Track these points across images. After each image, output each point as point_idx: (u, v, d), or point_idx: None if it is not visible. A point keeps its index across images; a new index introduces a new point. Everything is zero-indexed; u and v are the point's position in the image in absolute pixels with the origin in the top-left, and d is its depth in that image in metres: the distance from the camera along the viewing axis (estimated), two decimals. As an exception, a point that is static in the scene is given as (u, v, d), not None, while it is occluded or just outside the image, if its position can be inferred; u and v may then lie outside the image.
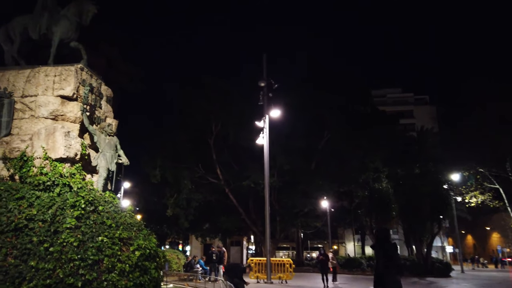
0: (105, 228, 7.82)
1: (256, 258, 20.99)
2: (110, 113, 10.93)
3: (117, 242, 7.67)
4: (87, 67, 10.14)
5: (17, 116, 9.13)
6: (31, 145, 8.66)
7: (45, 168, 8.52)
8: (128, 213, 9.01)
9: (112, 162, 9.55)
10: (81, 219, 7.82)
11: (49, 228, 7.56)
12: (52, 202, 7.91)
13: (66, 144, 8.61)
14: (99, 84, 10.55)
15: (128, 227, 8.37)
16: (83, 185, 8.49)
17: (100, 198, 8.46)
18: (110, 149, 9.59)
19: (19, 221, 7.55)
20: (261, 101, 20.59)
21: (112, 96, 11.19)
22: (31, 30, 10.28)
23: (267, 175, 19.91)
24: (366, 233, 41.98)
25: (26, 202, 7.85)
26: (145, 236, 8.49)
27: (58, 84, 9.21)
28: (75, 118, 9.35)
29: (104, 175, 9.31)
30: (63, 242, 7.38)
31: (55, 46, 10.12)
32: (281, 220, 27.19)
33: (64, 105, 9.19)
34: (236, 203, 26.45)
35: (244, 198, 26.84)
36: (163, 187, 27.38)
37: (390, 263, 6.15)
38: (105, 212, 8.18)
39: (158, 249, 8.90)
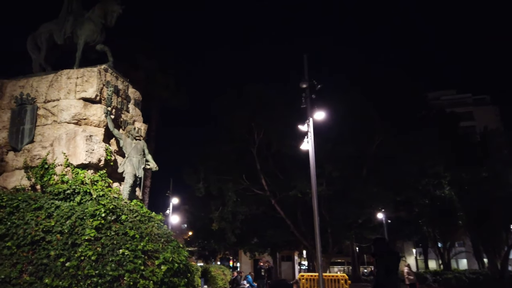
0: (127, 240, 6.91)
1: (307, 274, 19.40)
2: (139, 117, 10.23)
3: (140, 255, 6.71)
4: (112, 69, 9.54)
5: (40, 123, 8.64)
6: (52, 151, 8.06)
7: (66, 176, 7.85)
8: (156, 222, 8.08)
9: (139, 167, 8.74)
10: (101, 229, 6.98)
11: (67, 241, 6.79)
12: (71, 212, 7.17)
13: (88, 149, 7.91)
14: (126, 87, 9.91)
15: (154, 239, 7.41)
16: (105, 193, 7.69)
17: (124, 207, 7.60)
18: (137, 153, 8.79)
19: (36, 234, 6.86)
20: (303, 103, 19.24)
21: (141, 100, 10.51)
22: (56, 35, 9.92)
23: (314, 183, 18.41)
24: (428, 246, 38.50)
25: (44, 212, 7.17)
26: (173, 248, 7.48)
27: (81, 87, 8.63)
28: (99, 122, 8.68)
29: (130, 181, 8.49)
30: (80, 256, 6.56)
31: (80, 50, 9.65)
32: (332, 232, 25.32)
33: (86, 108, 8.57)
34: (284, 215, 25.05)
35: (292, 210, 25.39)
36: (208, 201, 26.70)
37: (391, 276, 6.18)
38: (129, 222, 7.29)
39: (190, 263, 7.86)
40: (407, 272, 16.91)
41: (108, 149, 8.60)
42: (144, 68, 22.48)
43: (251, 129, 23.60)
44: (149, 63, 22.59)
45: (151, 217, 8.16)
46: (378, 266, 6.39)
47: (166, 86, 23.82)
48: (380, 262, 6.35)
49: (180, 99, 25.15)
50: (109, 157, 8.54)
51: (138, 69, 21.99)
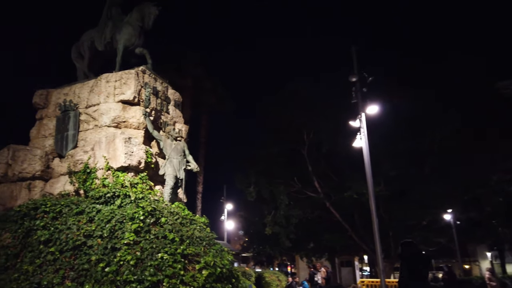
0: (166, 243, 6.56)
1: (368, 280, 18.16)
2: (180, 118, 10.00)
3: (180, 260, 6.32)
4: (151, 70, 9.41)
5: (82, 128, 8.67)
6: (93, 155, 8.00)
7: (107, 179, 7.73)
8: (198, 225, 7.69)
9: (180, 169, 8.43)
10: (140, 233, 6.70)
11: (107, 245, 6.59)
12: (111, 216, 6.99)
13: (127, 151, 7.74)
14: (165, 88, 9.73)
15: (195, 242, 7.01)
16: (145, 195, 7.44)
17: (164, 209, 7.30)
18: (177, 154, 8.51)
19: (77, 239, 6.75)
20: (354, 98, 18.12)
21: (181, 101, 10.29)
22: (97, 42, 10.03)
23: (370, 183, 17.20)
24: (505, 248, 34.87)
25: (85, 217, 7.06)
26: (216, 252, 7.02)
27: (119, 89, 8.55)
28: (138, 124, 8.53)
29: (171, 183, 8.21)
30: (119, 260, 6.30)
31: (120, 54, 9.65)
32: (394, 235, 23.61)
33: (125, 111, 8.45)
34: (340, 218, 23.81)
35: (349, 212, 24.06)
36: (260, 205, 26.21)
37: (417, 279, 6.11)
38: (168, 225, 6.95)
39: (234, 268, 7.34)
40: (488, 278, 15.18)
41: (148, 151, 8.41)
42: (192, 75, 22.67)
43: (299, 129, 22.80)
44: (195, 71, 22.75)
45: (193, 219, 7.79)
46: (402, 269, 6.44)
47: (213, 92, 23.83)
48: (404, 265, 6.41)
49: (227, 104, 25.07)
50: (149, 159, 8.34)
51: (185, 76, 22.22)
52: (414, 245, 6.67)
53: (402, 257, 6.59)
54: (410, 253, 6.49)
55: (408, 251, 6.55)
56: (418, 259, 6.47)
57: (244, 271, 16.29)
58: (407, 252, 6.55)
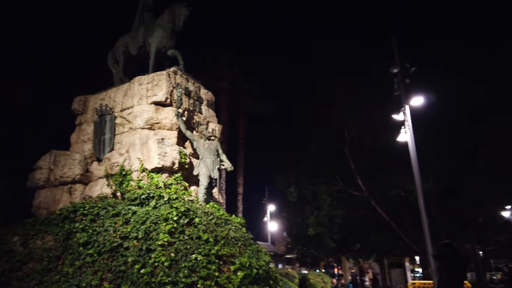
0: (200, 244, 6.41)
1: (419, 281, 17.14)
2: (213, 118, 9.89)
3: (214, 260, 6.13)
4: (182, 71, 9.37)
5: (118, 131, 8.78)
6: (128, 157, 8.05)
7: (142, 181, 7.74)
8: (234, 225, 7.49)
9: (214, 168, 8.29)
10: (174, 234, 6.61)
11: (142, 247, 6.55)
12: (146, 217, 6.97)
13: (160, 152, 7.71)
14: (198, 88, 9.66)
15: (231, 242, 6.80)
16: (179, 196, 7.35)
17: (198, 209, 7.17)
18: (211, 154, 8.38)
19: (114, 240, 6.77)
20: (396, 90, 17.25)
21: (214, 100, 10.18)
22: (131, 46, 10.18)
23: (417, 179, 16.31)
24: None
25: (122, 218, 7.08)
26: (252, 252, 6.77)
27: (151, 91, 8.57)
28: (171, 125, 8.49)
29: (205, 183, 8.08)
30: (154, 262, 6.22)
31: (152, 57, 9.71)
32: (447, 234, 22.19)
33: (158, 112, 8.45)
34: (387, 217, 22.74)
35: (396, 211, 22.93)
36: (302, 206, 25.69)
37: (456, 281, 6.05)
38: (202, 225, 6.81)
39: (273, 269, 7.06)
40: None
41: (182, 151, 8.34)
42: (227, 77, 22.68)
43: (340, 126, 22.10)
44: (231, 72, 22.73)
45: (228, 219, 7.60)
46: (440, 270, 6.32)
47: (250, 93, 23.69)
48: (442, 266, 6.27)
49: (266, 104, 24.83)
50: (183, 159, 8.27)
51: (221, 78, 22.26)
52: (452, 246, 6.38)
53: (440, 257, 6.42)
54: (448, 254, 6.28)
55: (448, 251, 6.31)
56: (457, 260, 6.27)
57: (287, 272, 15.93)
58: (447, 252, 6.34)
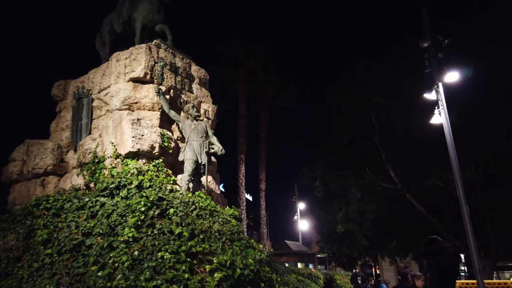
0: (171, 239, 5.22)
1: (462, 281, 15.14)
2: (207, 97, 8.69)
3: (184, 259, 4.92)
4: (168, 45, 8.26)
5: (95, 115, 7.78)
6: (101, 142, 7.01)
7: (116, 168, 6.65)
8: (222, 217, 6.25)
9: (202, 152, 7.08)
10: (142, 228, 5.45)
11: (104, 244, 5.45)
12: (112, 209, 5.87)
13: (135, 134, 6.60)
14: (187, 64, 8.50)
15: (212, 237, 5.57)
16: (154, 183, 6.20)
17: (176, 199, 5.99)
18: (198, 136, 7.18)
19: (75, 238, 5.72)
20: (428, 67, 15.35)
21: (208, 78, 8.99)
22: (116, 24, 9.19)
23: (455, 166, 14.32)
24: None
25: (87, 212, 6.02)
26: (239, 248, 5.51)
27: (129, 67, 7.50)
28: (152, 104, 7.38)
29: (189, 169, 6.89)
30: (114, 262, 5.10)
31: (138, 34, 8.67)
32: (494, 228, 19.82)
33: (136, 90, 7.36)
34: (424, 211, 20.64)
35: (434, 204, 20.77)
36: (330, 201, 24.00)
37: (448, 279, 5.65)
38: (177, 217, 5.61)
39: (264, 270, 5.74)
40: None
41: (165, 134, 7.21)
42: (245, 67, 21.46)
43: (367, 114, 20.31)
44: (249, 62, 21.48)
45: (215, 211, 6.38)
46: (430, 269, 5.92)
47: (270, 84, 22.31)
48: (431, 264, 5.88)
49: (288, 96, 23.35)
50: (166, 143, 7.13)
51: (238, 68, 21.07)
52: (439, 242, 5.91)
53: (427, 255, 6.00)
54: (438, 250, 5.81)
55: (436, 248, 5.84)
56: (449, 256, 5.94)
57: (310, 273, 14.51)
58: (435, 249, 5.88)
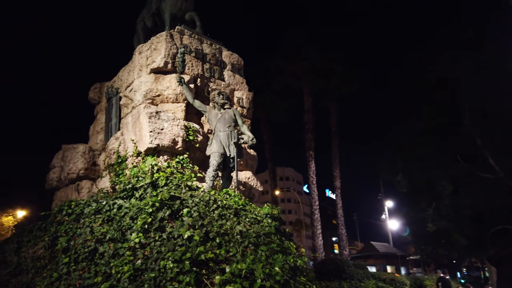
0: (177, 245, 4.37)
1: None
2: (241, 84, 7.77)
3: (188, 269, 4.02)
4: (193, 30, 7.55)
5: (123, 113, 7.34)
6: (123, 141, 6.49)
7: (136, 168, 6.06)
8: (250, 217, 5.26)
9: (230, 144, 6.17)
10: (150, 231, 4.70)
11: (113, 251, 4.82)
12: (125, 212, 5.25)
13: (153, 129, 5.93)
14: (217, 50, 7.69)
15: (232, 240, 4.61)
16: (171, 181, 5.43)
17: (194, 197, 5.15)
18: (225, 126, 6.29)
19: (89, 244, 5.19)
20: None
21: (242, 64, 8.06)
22: (147, 19, 8.79)
23: None
24: None
25: (103, 216, 5.48)
26: (265, 254, 4.46)
27: (150, 58, 6.92)
28: (175, 96, 6.69)
29: (214, 163, 6.01)
30: (117, 272, 4.41)
31: (168, 25, 8.13)
32: None
33: (158, 82, 6.74)
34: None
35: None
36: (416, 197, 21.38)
37: None
38: (190, 218, 4.75)
39: (298, 280, 4.57)
40: None
41: (190, 127, 6.45)
42: (306, 58, 20.18)
43: (453, 93, 17.60)
44: (310, 53, 20.15)
45: (242, 209, 5.40)
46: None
47: (334, 73, 20.67)
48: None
49: (354, 84, 21.44)
50: (192, 137, 6.37)
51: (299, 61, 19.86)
52: None
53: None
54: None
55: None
56: None
57: (393, 278, 12.65)
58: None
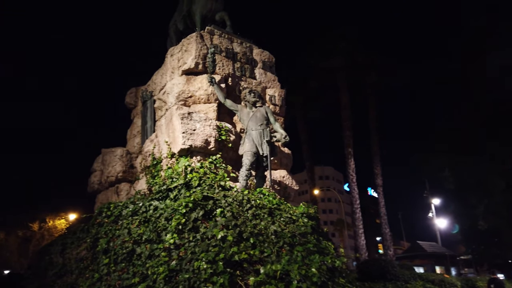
0: (211, 245, 4.32)
1: None
2: (273, 82, 7.65)
3: (222, 270, 3.96)
4: (223, 30, 7.54)
5: (157, 116, 7.45)
6: (157, 143, 6.57)
7: (170, 169, 6.10)
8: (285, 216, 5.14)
9: (262, 142, 6.06)
10: (184, 232, 4.69)
11: (148, 252, 4.86)
12: (160, 213, 5.29)
13: (186, 130, 5.95)
14: (247, 49, 7.63)
15: (267, 240, 4.50)
16: (204, 181, 5.40)
17: (228, 197, 5.10)
18: (257, 124, 6.20)
19: (127, 246, 5.28)
20: None
21: (274, 61, 7.94)
22: (178, 22, 8.89)
23: None
24: None
25: (140, 217, 5.56)
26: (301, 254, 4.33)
27: (181, 60, 6.97)
28: (207, 96, 6.68)
29: (247, 163, 5.92)
30: (153, 274, 4.43)
31: (198, 26, 8.17)
32: None
33: (189, 83, 6.76)
34: None
35: None
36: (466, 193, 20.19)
37: None
38: (223, 218, 4.70)
39: (337, 282, 4.38)
40: None
41: (223, 127, 6.42)
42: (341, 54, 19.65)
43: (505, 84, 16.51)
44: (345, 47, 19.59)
45: (277, 209, 5.27)
46: None
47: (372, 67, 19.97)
48: None
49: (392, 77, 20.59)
50: (224, 136, 6.33)
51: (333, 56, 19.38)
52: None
53: None
54: None
55: None
56: None
57: (442, 279, 11.96)
58: None
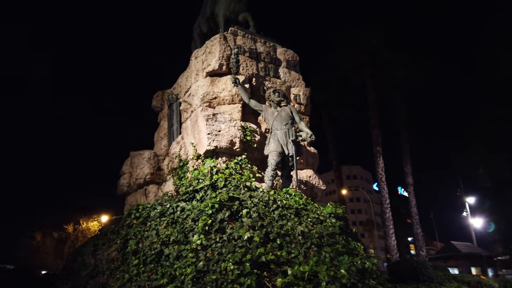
0: (237, 246, 4.31)
1: None
2: (298, 81, 7.57)
3: (249, 271, 3.94)
4: (246, 30, 7.53)
5: (183, 118, 7.51)
6: (184, 145, 6.63)
7: (196, 170, 6.14)
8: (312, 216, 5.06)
9: (287, 142, 6.00)
10: (210, 233, 4.70)
11: (178, 253, 4.90)
12: (187, 214, 5.33)
13: (211, 131, 5.97)
14: (271, 48, 7.59)
15: (294, 241, 4.45)
16: (229, 182, 5.39)
17: (254, 198, 5.07)
18: (282, 123, 6.15)
19: (155, 247, 5.34)
20: None
21: (298, 60, 7.86)
22: (202, 25, 8.96)
23: None
24: None
25: (167, 219, 5.63)
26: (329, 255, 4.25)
27: (206, 62, 7.01)
28: (231, 97, 6.69)
29: (273, 163, 5.87)
30: (181, 274, 4.46)
31: (222, 27, 8.20)
32: None
33: (214, 85, 6.79)
34: None
35: None
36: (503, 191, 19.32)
37: None
38: (250, 219, 4.68)
39: (368, 283, 4.26)
40: None
41: (248, 127, 6.40)
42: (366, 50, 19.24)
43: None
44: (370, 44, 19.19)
45: (304, 209, 5.20)
46: None
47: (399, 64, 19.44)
48: None
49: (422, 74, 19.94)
50: (249, 137, 6.31)
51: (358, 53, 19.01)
52: None
53: None
54: None
55: None
56: None
57: (479, 281, 11.45)
58: None
